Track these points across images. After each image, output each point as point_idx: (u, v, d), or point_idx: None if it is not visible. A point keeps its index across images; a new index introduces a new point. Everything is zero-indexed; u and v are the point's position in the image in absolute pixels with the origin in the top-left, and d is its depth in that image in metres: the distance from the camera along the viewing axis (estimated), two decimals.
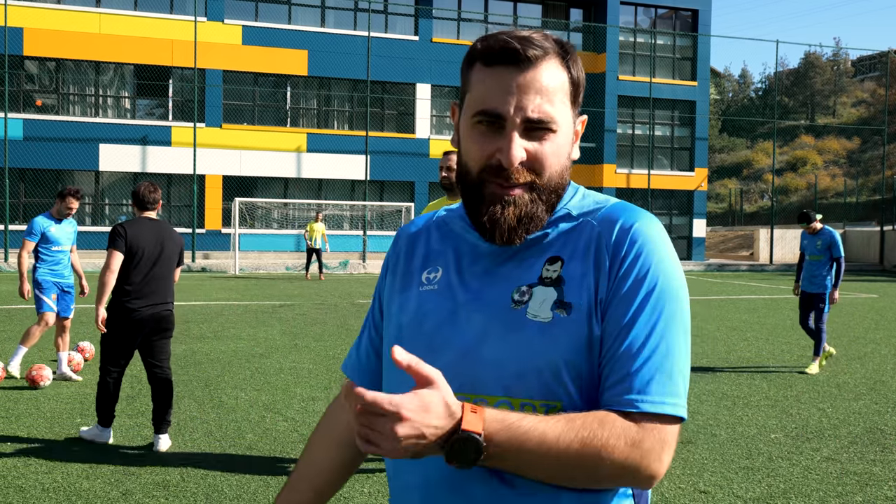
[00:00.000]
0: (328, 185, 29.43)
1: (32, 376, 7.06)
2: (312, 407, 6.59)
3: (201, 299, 15.37)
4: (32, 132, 26.05)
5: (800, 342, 10.80)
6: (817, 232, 8.89)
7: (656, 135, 32.73)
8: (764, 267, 30.29)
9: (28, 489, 4.51)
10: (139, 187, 5.66)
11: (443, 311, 1.27)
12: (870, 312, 15.11)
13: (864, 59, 71.75)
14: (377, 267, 26.22)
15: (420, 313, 1.29)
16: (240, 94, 28.34)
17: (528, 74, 1.22)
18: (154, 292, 5.44)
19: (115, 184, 27.37)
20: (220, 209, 27.84)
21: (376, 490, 4.58)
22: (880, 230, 32.63)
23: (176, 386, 7.29)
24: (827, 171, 51.54)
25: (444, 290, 1.28)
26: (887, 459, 5.37)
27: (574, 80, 1.27)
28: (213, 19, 27.53)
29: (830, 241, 8.72)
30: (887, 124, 37.66)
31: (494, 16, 31.17)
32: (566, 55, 1.26)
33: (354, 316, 12.99)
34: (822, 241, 8.80)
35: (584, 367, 1.19)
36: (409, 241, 1.40)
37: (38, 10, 26.05)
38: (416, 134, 30.20)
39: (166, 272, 5.53)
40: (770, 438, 5.84)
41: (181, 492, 4.51)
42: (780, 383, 7.98)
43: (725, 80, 78.54)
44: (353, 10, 29.59)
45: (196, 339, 10.17)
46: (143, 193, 5.62)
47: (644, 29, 32.38)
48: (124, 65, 27.27)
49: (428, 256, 1.35)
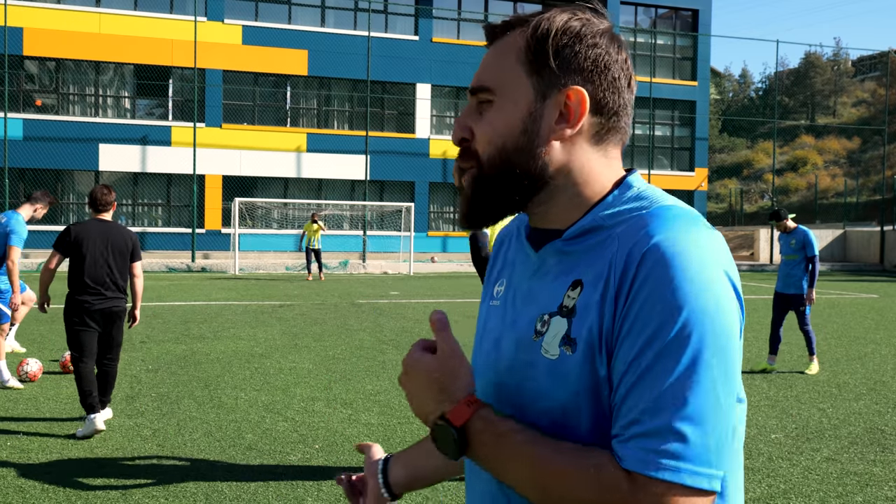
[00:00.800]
0: (328, 185, 29.43)
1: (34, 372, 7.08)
2: (312, 407, 6.59)
3: (201, 299, 15.37)
4: (32, 132, 26.05)
5: (799, 342, 10.79)
6: (791, 231, 8.76)
7: (656, 135, 32.74)
8: (764, 267, 30.29)
9: (28, 489, 4.51)
10: (94, 190, 6.02)
11: (495, 332, 1.18)
12: (870, 312, 15.10)
13: (864, 59, 71.74)
14: (377, 267, 26.23)
15: (484, 330, 1.22)
16: (240, 94, 28.34)
17: (491, 48, 1.12)
18: (105, 288, 5.81)
19: (115, 184, 27.35)
20: (220, 209, 27.84)
21: None
22: (880, 230, 32.62)
23: (176, 386, 7.30)
24: (827, 171, 51.55)
25: (502, 308, 1.18)
26: (887, 459, 5.37)
27: (532, 44, 1.07)
28: (213, 19, 27.53)
29: (804, 241, 8.58)
30: (887, 124, 37.67)
31: (494, 16, 31.16)
32: (533, 21, 1.08)
33: (354, 316, 12.99)
34: (797, 241, 8.65)
35: (590, 410, 1.02)
36: (497, 246, 1.30)
37: (38, 10, 26.05)
38: (416, 134, 30.20)
39: (117, 270, 5.88)
40: (770, 439, 5.84)
41: (181, 492, 4.51)
42: (780, 383, 7.97)
43: (725, 80, 78.55)
44: (353, 10, 29.59)
45: (196, 339, 10.17)
46: (96, 195, 5.98)
47: (644, 29, 32.38)
48: (124, 65, 27.26)
49: (503, 266, 1.24)
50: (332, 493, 4.52)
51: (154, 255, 26.53)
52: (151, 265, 24.03)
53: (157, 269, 23.94)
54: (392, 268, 26.22)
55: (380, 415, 6.36)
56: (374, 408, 6.60)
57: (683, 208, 1.06)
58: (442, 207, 30.87)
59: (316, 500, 4.43)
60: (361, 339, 10.51)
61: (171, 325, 11.42)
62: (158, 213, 27.93)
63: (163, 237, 27.40)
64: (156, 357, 8.80)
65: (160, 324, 11.58)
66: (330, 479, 4.77)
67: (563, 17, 1.07)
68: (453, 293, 17.93)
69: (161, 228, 27.52)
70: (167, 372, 7.97)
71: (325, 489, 4.59)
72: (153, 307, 13.79)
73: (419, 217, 29.79)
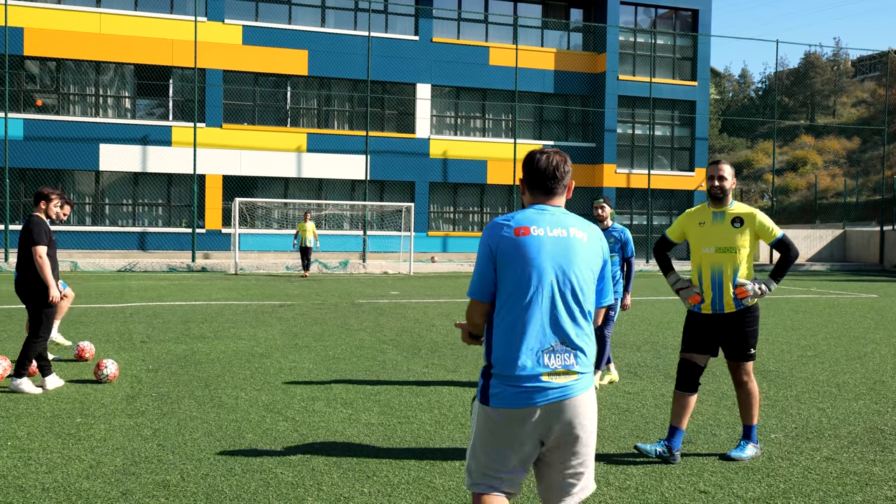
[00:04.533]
0: (328, 185, 29.44)
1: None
2: (312, 407, 6.59)
3: (201, 299, 15.37)
4: (33, 132, 26.06)
5: (800, 342, 10.80)
6: (607, 228, 7.79)
7: (656, 135, 32.74)
8: (764, 267, 30.29)
9: (28, 489, 4.51)
10: (42, 190, 7.20)
11: None
12: (869, 312, 15.11)
13: (864, 59, 71.72)
14: (377, 267, 26.25)
15: None
16: (240, 94, 28.35)
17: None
18: (56, 273, 7.15)
19: (116, 184, 27.38)
20: (220, 209, 27.85)
21: (376, 490, 4.59)
22: (880, 230, 32.62)
23: (176, 386, 7.31)
24: (827, 171, 51.53)
25: None
26: (887, 459, 5.37)
27: None
28: (213, 19, 27.54)
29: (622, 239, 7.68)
30: (887, 124, 37.65)
31: (494, 16, 31.16)
32: None
33: (354, 316, 12.99)
34: (614, 238, 7.72)
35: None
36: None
37: (39, 10, 26.06)
38: (416, 134, 30.21)
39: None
40: (770, 438, 5.84)
41: (181, 492, 4.51)
42: (780, 383, 7.98)
43: (725, 80, 78.51)
44: (354, 10, 29.59)
45: (196, 339, 10.17)
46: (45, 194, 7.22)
47: (644, 29, 32.37)
48: (124, 65, 27.27)
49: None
50: (332, 493, 4.53)
51: (154, 254, 26.54)
52: (152, 265, 24.03)
53: (158, 268, 23.94)
54: (392, 268, 26.23)
55: (380, 415, 6.37)
56: (374, 408, 6.60)
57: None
58: (442, 207, 30.88)
59: (316, 499, 4.43)
60: (361, 339, 10.52)
61: (171, 325, 11.42)
62: (159, 213, 27.94)
63: (163, 237, 27.41)
64: (156, 357, 8.81)
65: (160, 323, 11.59)
66: (330, 478, 4.78)
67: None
68: (453, 293, 17.93)
69: (161, 228, 27.53)
70: (167, 372, 7.98)
71: (325, 489, 4.59)
72: (153, 307, 13.80)
73: (419, 217, 29.80)
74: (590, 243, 3.06)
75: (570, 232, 3.02)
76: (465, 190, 31.10)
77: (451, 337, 10.79)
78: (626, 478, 4.90)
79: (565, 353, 2.93)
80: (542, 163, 3.08)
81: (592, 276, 3.06)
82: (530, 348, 2.90)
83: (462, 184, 30.92)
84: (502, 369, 2.92)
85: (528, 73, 30.99)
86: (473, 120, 31.31)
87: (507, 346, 2.93)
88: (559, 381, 2.90)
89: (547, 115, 32.02)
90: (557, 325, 2.94)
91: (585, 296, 3.00)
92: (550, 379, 2.90)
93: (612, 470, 5.05)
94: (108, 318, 12.20)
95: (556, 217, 3.05)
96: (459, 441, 5.64)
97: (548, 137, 32.00)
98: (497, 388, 2.92)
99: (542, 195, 3.10)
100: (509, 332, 2.93)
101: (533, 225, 3.00)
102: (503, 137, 31.41)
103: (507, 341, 2.93)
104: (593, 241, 3.08)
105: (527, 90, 31.21)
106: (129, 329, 10.97)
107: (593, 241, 3.09)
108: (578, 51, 32.31)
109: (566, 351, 2.93)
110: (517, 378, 2.89)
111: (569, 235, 3.01)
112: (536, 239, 2.97)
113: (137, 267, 23.79)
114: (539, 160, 3.08)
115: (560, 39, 32.45)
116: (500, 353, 2.94)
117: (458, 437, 5.76)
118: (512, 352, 2.91)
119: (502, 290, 2.96)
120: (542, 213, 3.05)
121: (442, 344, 10.15)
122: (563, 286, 2.96)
